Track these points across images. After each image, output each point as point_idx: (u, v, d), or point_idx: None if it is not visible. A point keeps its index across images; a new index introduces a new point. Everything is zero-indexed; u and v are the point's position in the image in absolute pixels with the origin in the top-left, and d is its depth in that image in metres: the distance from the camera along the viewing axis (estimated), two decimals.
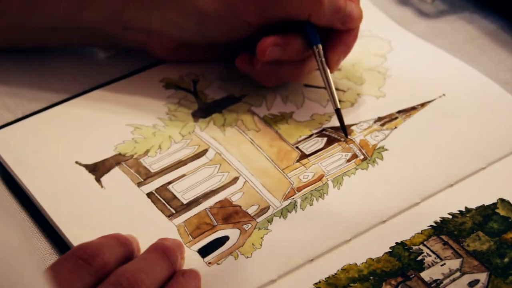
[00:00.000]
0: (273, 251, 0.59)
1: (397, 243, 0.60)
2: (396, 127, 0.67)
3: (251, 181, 0.63)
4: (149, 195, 0.62)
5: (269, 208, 0.61)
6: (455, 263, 0.59)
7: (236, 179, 0.63)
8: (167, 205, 0.61)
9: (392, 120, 0.68)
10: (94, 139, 0.66)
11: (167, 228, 0.60)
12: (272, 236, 0.60)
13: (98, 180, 0.63)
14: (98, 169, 0.63)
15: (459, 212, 0.62)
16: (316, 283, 0.57)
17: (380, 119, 0.68)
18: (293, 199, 0.62)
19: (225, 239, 0.59)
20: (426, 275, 0.58)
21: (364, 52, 0.73)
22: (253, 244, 0.59)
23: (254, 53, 0.66)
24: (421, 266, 0.58)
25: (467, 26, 0.79)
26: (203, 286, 0.56)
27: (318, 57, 0.66)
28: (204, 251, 0.58)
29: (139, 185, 0.63)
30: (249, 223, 0.60)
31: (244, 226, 0.60)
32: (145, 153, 0.65)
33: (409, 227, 0.61)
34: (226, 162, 0.64)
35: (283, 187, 0.63)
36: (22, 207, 0.62)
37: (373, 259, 0.59)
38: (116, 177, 0.63)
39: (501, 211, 0.62)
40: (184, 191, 0.62)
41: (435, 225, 0.61)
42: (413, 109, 0.69)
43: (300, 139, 0.66)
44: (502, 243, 0.60)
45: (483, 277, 0.58)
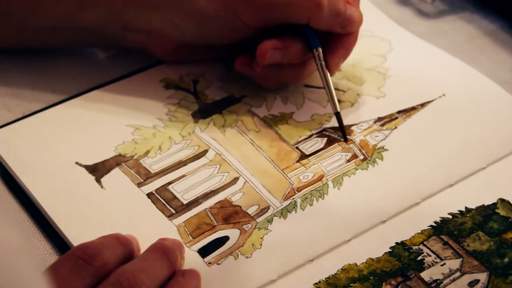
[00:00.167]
0: (273, 251, 0.59)
1: (397, 243, 0.60)
2: (396, 127, 0.67)
3: (251, 181, 0.63)
4: (149, 195, 0.62)
5: (269, 208, 0.61)
6: (455, 263, 0.59)
7: (236, 180, 0.63)
8: (167, 205, 0.61)
9: (392, 120, 0.68)
10: (94, 139, 0.66)
11: (167, 228, 0.60)
12: (272, 236, 0.59)
13: (98, 180, 0.63)
14: (98, 170, 0.63)
15: (459, 212, 0.62)
16: (316, 283, 0.57)
17: (380, 119, 0.68)
18: (293, 199, 0.62)
19: (225, 239, 0.59)
20: (426, 275, 0.58)
21: (364, 52, 0.73)
22: (253, 244, 0.59)
23: (253, 55, 0.66)
24: (421, 266, 0.58)
25: (467, 26, 0.79)
26: (203, 286, 0.56)
27: (318, 60, 0.65)
28: (204, 251, 0.58)
29: (139, 185, 0.63)
30: (249, 223, 0.60)
31: (244, 226, 0.60)
32: (145, 154, 0.65)
33: (409, 227, 0.61)
34: (226, 162, 0.64)
35: (283, 187, 0.63)
36: (22, 207, 0.62)
37: (373, 259, 0.59)
38: (116, 177, 0.63)
39: (501, 211, 0.62)
40: (184, 191, 0.62)
41: (435, 225, 0.61)
42: (413, 109, 0.69)
43: (300, 140, 0.66)
44: (502, 243, 0.60)
45: (483, 277, 0.58)
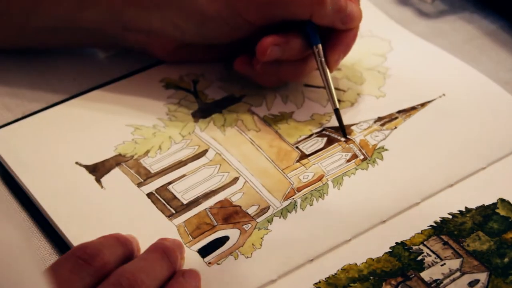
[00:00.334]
0: (273, 251, 0.59)
1: (397, 243, 0.60)
2: (396, 127, 0.67)
3: (251, 181, 0.63)
4: (149, 195, 0.62)
5: (269, 208, 0.61)
6: (455, 263, 0.59)
7: (236, 179, 0.63)
8: (167, 205, 0.61)
9: (392, 120, 0.68)
10: (94, 139, 0.66)
11: (167, 228, 0.60)
12: (272, 236, 0.59)
13: (98, 180, 0.63)
14: (98, 170, 0.63)
15: (459, 212, 0.62)
16: (316, 283, 0.57)
17: (380, 119, 0.68)
18: (293, 199, 0.62)
19: (225, 239, 0.59)
20: (426, 275, 0.58)
21: (364, 52, 0.73)
22: (253, 244, 0.59)
23: (253, 54, 0.66)
24: (421, 266, 0.58)
25: (467, 26, 0.79)
26: (203, 286, 0.56)
27: (317, 57, 0.66)
28: (204, 251, 0.58)
29: (139, 185, 0.63)
30: (249, 223, 0.60)
31: (244, 226, 0.60)
32: (145, 154, 0.65)
33: (409, 227, 0.61)
34: (226, 162, 0.64)
35: (283, 187, 0.63)
36: (22, 207, 0.62)
37: (373, 259, 0.59)
38: (116, 177, 0.63)
39: (501, 211, 0.62)
40: (184, 191, 0.62)
41: (435, 225, 0.61)
42: (413, 109, 0.69)
43: (300, 139, 0.66)
44: (502, 243, 0.60)
45: (483, 277, 0.58)
